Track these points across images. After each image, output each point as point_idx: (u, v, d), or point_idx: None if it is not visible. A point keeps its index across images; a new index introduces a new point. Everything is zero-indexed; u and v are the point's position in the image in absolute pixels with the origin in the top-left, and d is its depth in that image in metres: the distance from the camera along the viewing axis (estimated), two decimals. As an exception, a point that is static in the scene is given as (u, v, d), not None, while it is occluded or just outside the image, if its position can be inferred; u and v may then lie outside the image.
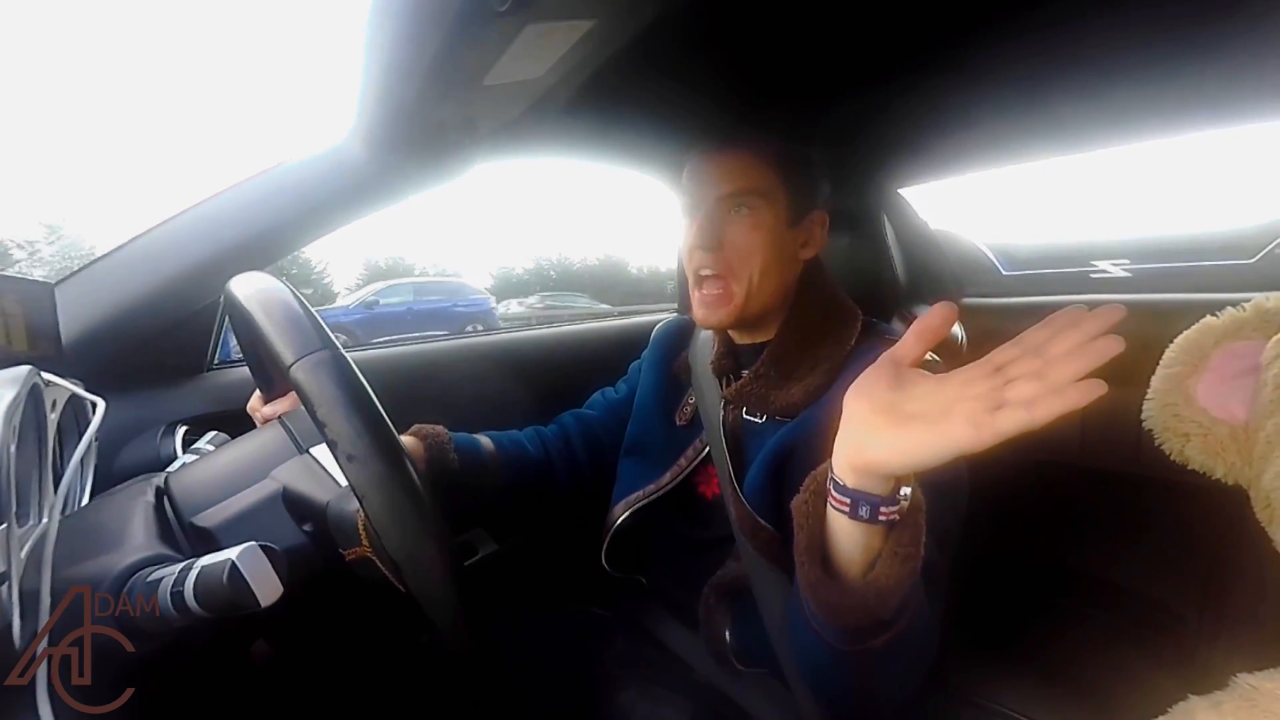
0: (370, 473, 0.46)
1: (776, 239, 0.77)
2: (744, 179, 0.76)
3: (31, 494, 0.50)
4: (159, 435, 0.83)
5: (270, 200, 0.91)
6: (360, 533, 0.56)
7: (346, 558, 0.57)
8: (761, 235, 0.76)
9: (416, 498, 0.48)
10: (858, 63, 0.95)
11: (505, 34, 0.58)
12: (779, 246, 0.77)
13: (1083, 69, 0.89)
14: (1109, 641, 1.06)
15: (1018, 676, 0.97)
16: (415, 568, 0.47)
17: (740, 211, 0.76)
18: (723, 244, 0.76)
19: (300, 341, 0.49)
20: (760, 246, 0.76)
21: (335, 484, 0.60)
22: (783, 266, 0.79)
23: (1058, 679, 0.96)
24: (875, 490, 0.46)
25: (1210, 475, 0.66)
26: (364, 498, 0.46)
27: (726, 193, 0.76)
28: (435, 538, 0.48)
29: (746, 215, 0.76)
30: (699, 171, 0.79)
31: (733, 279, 0.76)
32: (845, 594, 0.49)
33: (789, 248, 0.79)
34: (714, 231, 0.76)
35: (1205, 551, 0.96)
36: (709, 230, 0.76)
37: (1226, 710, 0.56)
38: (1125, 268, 1.35)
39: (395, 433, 0.50)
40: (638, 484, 0.87)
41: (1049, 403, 0.39)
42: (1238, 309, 0.66)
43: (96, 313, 0.82)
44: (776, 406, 0.77)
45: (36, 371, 0.51)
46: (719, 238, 0.76)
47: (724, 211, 0.77)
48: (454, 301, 11.62)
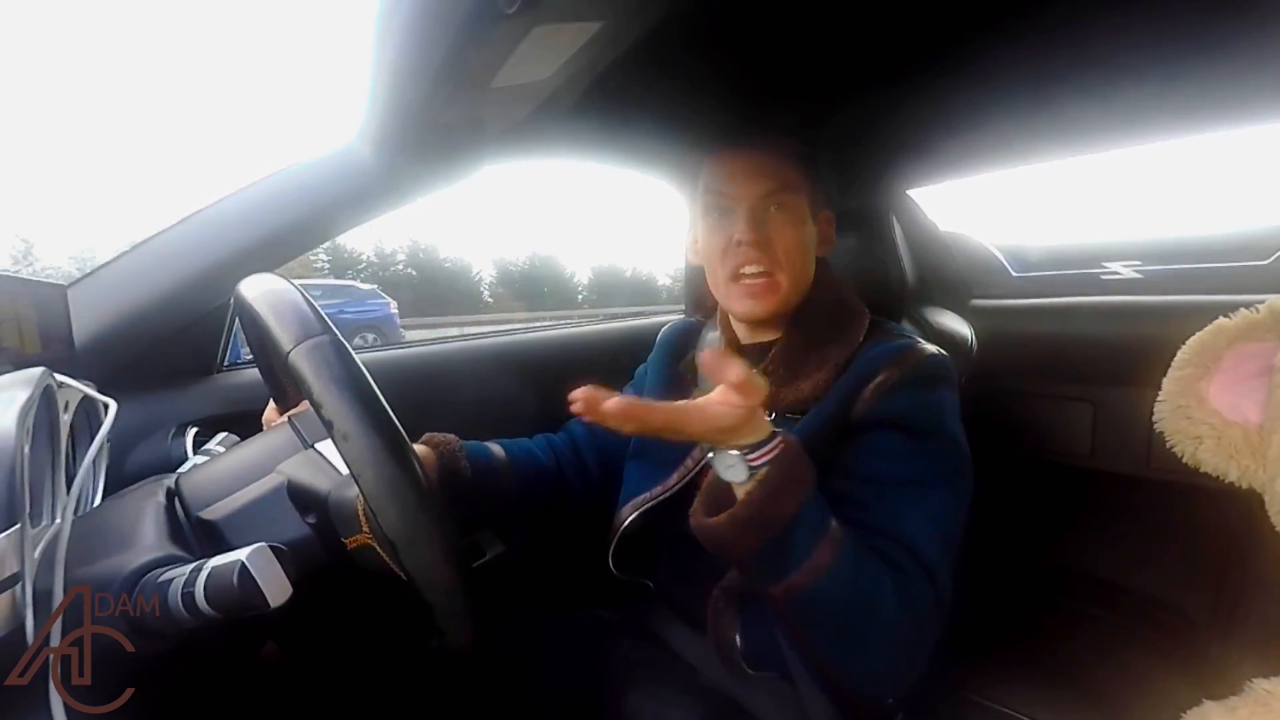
0: (363, 448, 0.46)
1: (808, 235, 0.80)
2: (778, 177, 0.78)
3: (44, 495, 0.50)
4: (170, 436, 0.83)
5: (279, 203, 0.92)
6: (360, 518, 0.56)
7: (348, 546, 0.58)
8: (798, 231, 0.79)
9: (412, 474, 0.47)
10: (866, 64, 0.94)
11: (513, 35, 0.58)
12: (808, 241, 0.80)
13: (1092, 69, 0.89)
14: (1120, 644, 1.05)
15: (1028, 679, 0.97)
16: (411, 547, 0.47)
17: (781, 210, 0.78)
18: (770, 240, 0.78)
19: (299, 328, 0.50)
20: (799, 241, 0.79)
21: (338, 474, 0.61)
22: (810, 261, 0.82)
23: (1069, 682, 0.95)
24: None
25: (1223, 478, 0.65)
26: (359, 476, 0.46)
27: (765, 191, 0.78)
28: (431, 516, 0.48)
29: (784, 212, 0.78)
30: (732, 171, 0.80)
31: (779, 272, 0.78)
32: (719, 526, 0.57)
33: (812, 243, 0.82)
34: (760, 228, 0.77)
35: (1218, 555, 0.95)
36: (756, 227, 0.77)
37: (1241, 715, 0.56)
38: (1137, 269, 1.34)
39: (391, 412, 0.50)
40: (644, 486, 0.87)
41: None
42: (1251, 310, 0.66)
43: (108, 315, 0.83)
44: (785, 404, 0.77)
45: (49, 373, 0.52)
46: (766, 234, 0.78)
47: (763, 210, 0.78)
48: (340, 307, 10.20)
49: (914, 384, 0.71)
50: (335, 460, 0.62)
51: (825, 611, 0.59)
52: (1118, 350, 1.09)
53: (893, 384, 0.71)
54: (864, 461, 0.69)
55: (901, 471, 0.68)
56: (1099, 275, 1.38)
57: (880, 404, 0.71)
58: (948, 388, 0.74)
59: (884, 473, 0.68)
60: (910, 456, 0.69)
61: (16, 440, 0.41)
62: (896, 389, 0.71)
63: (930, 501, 0.67)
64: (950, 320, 1.18)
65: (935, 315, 1.19)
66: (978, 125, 1.11)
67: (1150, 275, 1.33)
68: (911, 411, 0.70)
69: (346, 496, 0.57)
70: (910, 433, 0.70)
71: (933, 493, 0.68)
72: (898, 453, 0.69)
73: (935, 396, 0.72)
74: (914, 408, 0.71)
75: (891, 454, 0.69)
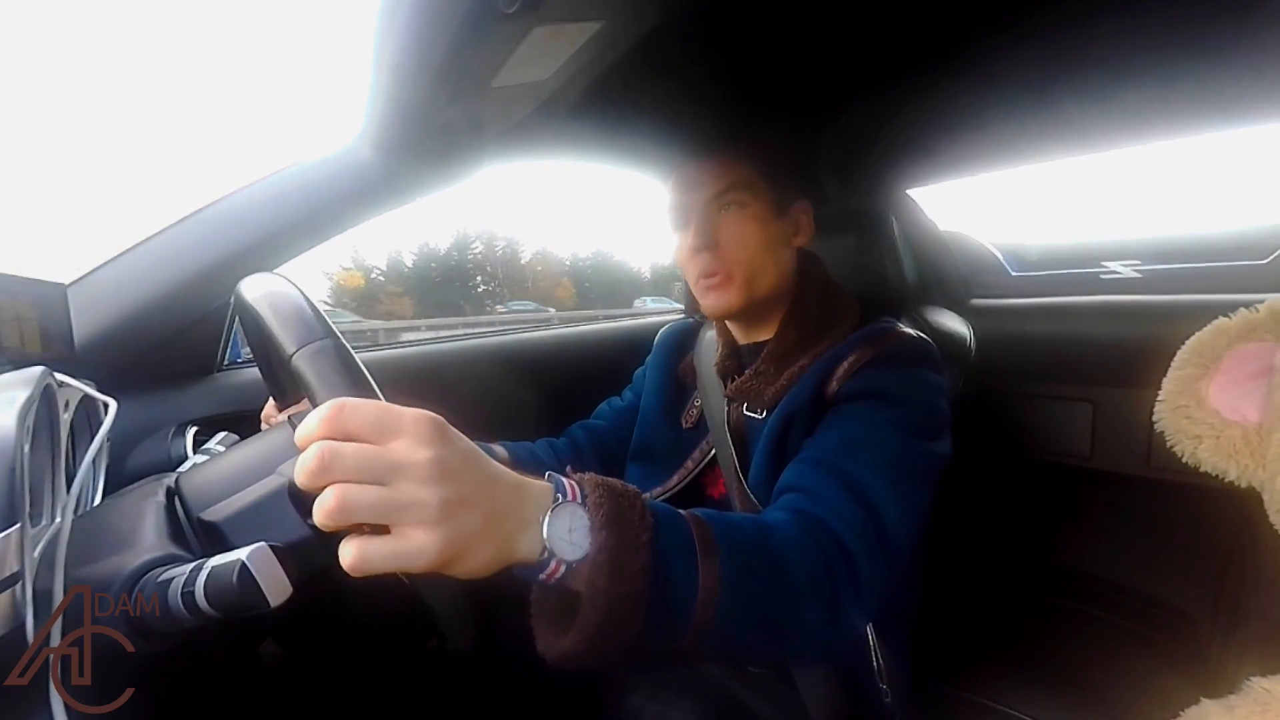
0: None
1: (766, 228, 0.81)
2: (725, 177, 0.80)
3: (44, 494, 0.50)
4: (170, 436, 0.83)
5: (279, 203, 0.92)
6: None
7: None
8: (753, 227, 0.80)
9: None
10: (866, 65, 0.94)
11: (513, 36, 0.58)
12: (770, 235, 0.81)
13: (1092, 70, 0.89)
14: (1120, 644, 1.05)
15: (1027, 679, 0.96)
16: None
17: (729, 210, 0.80)
18: (719, 242, 0.80)
19: (302, 332, 0.50)
20: (753, 236, 0.80)
21: None
22: (777, 254, 0.82)
23: (1068, 682, 0.95)
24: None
25: (1222, 477, 0.65)
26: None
27: (713, 194, 0.80)
28: None
29: (735, 211, 0.80)
30: (680, 182, 0.83)
31: (734, 269, 0.80)
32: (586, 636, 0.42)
33: (780, 235, 0.82)
34: (708, 232, 0.80)
35: (1217, 554, 0.95)
36: (704, 231, 0.80)
37: (1240, 714, 0.56)
38: (1136, 268, 1.34)
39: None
40: (645, 487, 0.88)
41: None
42: (1251, 310, 0.66)
43: (108, 314, 0.83)
44: (766, 400, 0.78)
45: (49, 372, 0.52)
46: (714, 237, 0.80)
47: (714, 212, 0.80)
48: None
49: (888, 360, 0.71)
50: None
51: (742, 621, 0.48)
52: (1117, 350, 1.09)
53: (865, 361, 0.71)
54: (836, 429, 0.68)
55: (865, 433, 0.66)
56: (1098, 275, 1.38)
57: (852, 380, 0.71)
58: (928, 368, 0.73)
59: (849, 434, 0.66)
60: (879, 422, 0.67)
61: (16, 440, 0.41)
62: (869, 365, 0.71)
63: (894, 450, 0.65)
64: (949, 320, 1.18)
65: (934, 315, 1.19)
66: (977, 125, 1.11)
67: (1149, 275, 1.33)
68: (884, 385, 0.69)
69: None
70: (881, 399, 0.69)
71: (897, 442, 0.66)
72: (866, 419, 0.67)
73: (911, 373, 0.71)
74: (887, 381, 0.70)
75: (859, 418, 0.68)
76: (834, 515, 0.58)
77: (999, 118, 1.07)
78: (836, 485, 0.61)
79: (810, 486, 0.62)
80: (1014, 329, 1.27)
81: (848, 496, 0.60)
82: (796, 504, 0.60)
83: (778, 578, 0.51)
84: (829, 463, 0.63)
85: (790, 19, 0.82)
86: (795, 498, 0.62)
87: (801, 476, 0.65)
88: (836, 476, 0.61)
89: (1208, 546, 1.01)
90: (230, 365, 0.98)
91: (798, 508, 0.59)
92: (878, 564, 0.57)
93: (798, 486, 0.64)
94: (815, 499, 0.60)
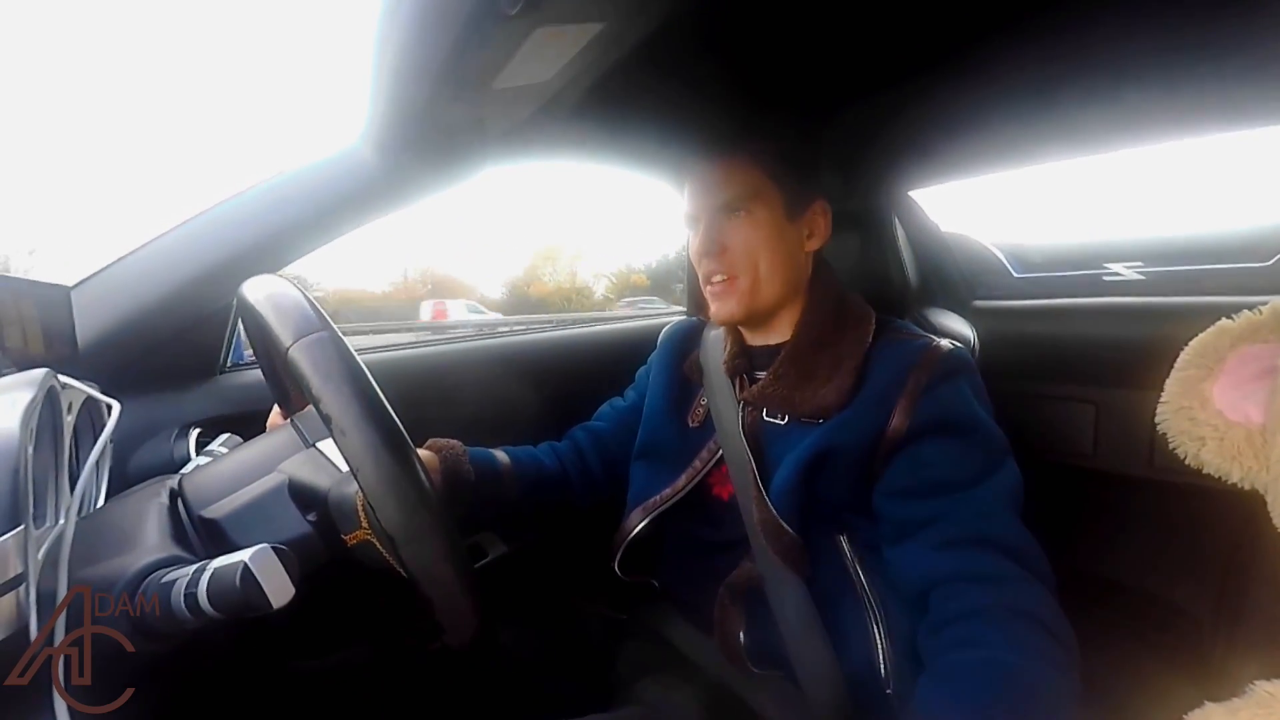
0: (361, 442, 0.46)
1: (777, 234, 0.81)
2: (734, 185, 0.80)
3: (48, 496, 0.50)
4: (173, 437, 0.84)
5: (281, 205, 0.92)
6: (359, 514, 0.56)
7: (349, 543, 0.58)
8: (761, 233, 0.80)
9: (411, 470, 0.47)
10: (869, 65, 0.94)
11: (515, 36, 0.58)
12: (781, 241, 0.81)
13: (1095, 71, 0.89)
14: (1122, 645, 1.05)
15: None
16: (410, 542, 0.46)
17: (738, 215, 0.80)
18: (726, 248, 0.80)
19: (298, 324, 0.50)
20: (761, 243, 0.80)
21: (338, 471, 0.61)
22: (788, 259, 0.82)
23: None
24: None
25: (1226, 479, 0.65)
26: (358, 471, 0.46)
27: (722, 201, 0.81)
28: (431, 512, 0.47)
29: (744, 218, 0.80)
30: (693, 186, 0.84)
31: (740, 274, 0.80)
32: None
33: (792, 241, 0.82)
34: (716, 238, 0.81)
35: (1221, 556, 0.95)
36: (711, 238, 0.81)
37: (1243, 717, 0.56)
38: (1139, 270, 1.34)
39: (389, 408, 0.50)
40: (652, 488, 0.87)
41: None
42: (1254, 312, 0.65)
43: (111, 316, 0.83)
44: (803, 408, 0.78)
45: (53, 374, 0.52)
46: (722, 243, 0.80)
47: (723, 219, 0.81)
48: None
49: (941, 383, 0.73)
50: (336, 458, 0.62)
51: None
52: (1120, 351, 1.09)
53: (922, 389, 0.72)
54: (924, 474, 0.71)
55: (962, 472, 0.70)
56: (1101, 276, 1.38)
57: (917, 415, 0.72)
58: (968, 376, 0.76)
59: (948, 478, 0.70)
60: (963, 455, 0.71)
61: (20, 441, 0.41)
62: (926, 393, 0.72)
63: (999, 487, 0.70)
64: (952, 321, 1.18)
65: (937, 316, 1.19)
66: (979, 127, 1.10)
67: (1152, 276, 1.32)
68: (947, 412, 0.72)
69: (346, 493, 0.58)
70: (954, 432, 0.72)
71: (995, 479, 0.71)
72: (951, 455, 0.71)
73: (962, 390, 0.74)
74: (949, 408, 0.73)
75: (946, 459, 0.71)
76: (1014, 593, 0.65)
77: (1001, 119, 1.06)
78: (993, 557, 0.66)
79: (968, 569, 0.66)
80: (1016, 330, 1.27)
81: (1008, 561, 0.66)
82: (978, 603, 0.64)
83: (1013, 674, 0.59)
84: (967, 537, 0.67)
85: (792, 21, 0.82)
86: (968, 592, 0.66)
87: (946, 563, 0.67)
88: (982, 548, 0.66)
89: (1210, 547, 1.01)
90: (233, 367, 0.98)
91: (981, 607, 0.64)
92: (1054, 606, 0.66)
93: (957, 576, 0.67)
94: (985, 584, 0.65)
